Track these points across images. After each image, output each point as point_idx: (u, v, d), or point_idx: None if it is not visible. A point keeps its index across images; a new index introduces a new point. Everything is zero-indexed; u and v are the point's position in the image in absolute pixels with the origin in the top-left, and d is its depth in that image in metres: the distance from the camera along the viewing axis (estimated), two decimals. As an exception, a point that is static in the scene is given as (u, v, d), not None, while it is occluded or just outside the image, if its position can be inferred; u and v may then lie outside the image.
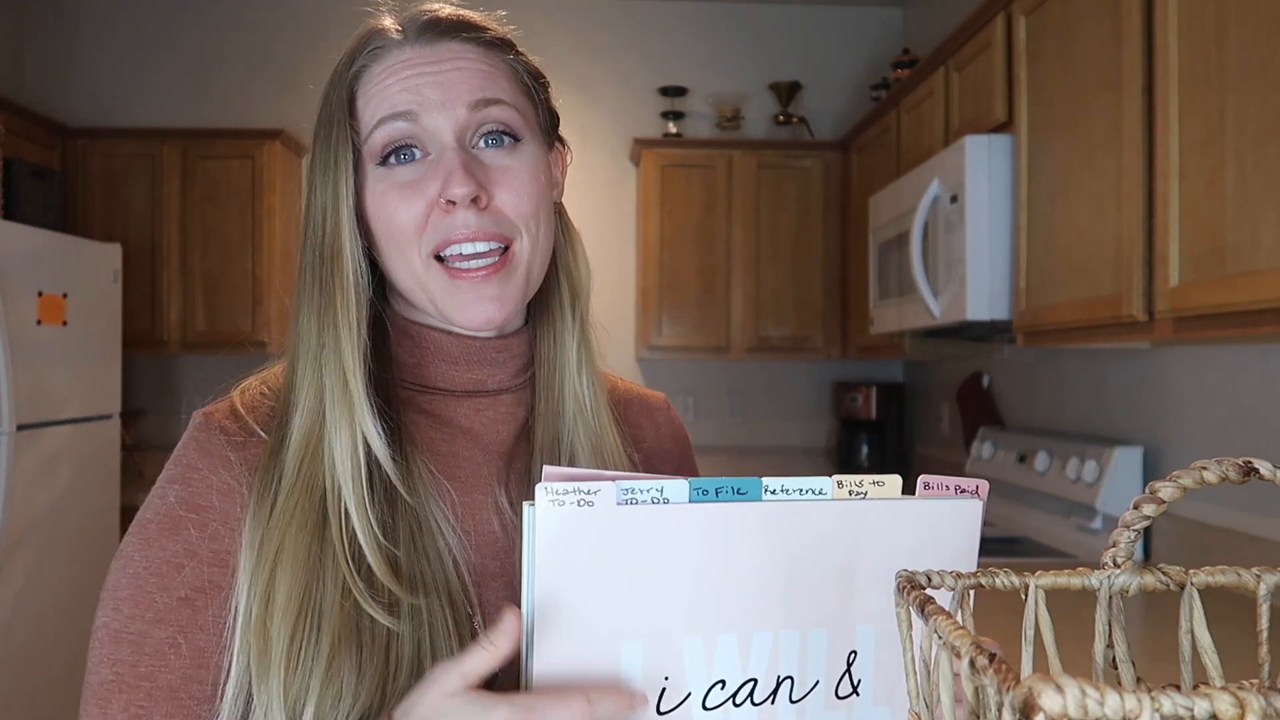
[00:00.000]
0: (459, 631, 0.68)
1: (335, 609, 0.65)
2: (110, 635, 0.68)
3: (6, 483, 2.55)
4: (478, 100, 0.72)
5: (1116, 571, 0.52)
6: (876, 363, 4.03)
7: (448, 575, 0.70)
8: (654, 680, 0.57)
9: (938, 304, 2.39)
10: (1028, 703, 0.28)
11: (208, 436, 0.72)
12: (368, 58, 0.73)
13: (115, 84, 3.93)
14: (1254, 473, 0.47)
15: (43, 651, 2.75)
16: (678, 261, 3.71)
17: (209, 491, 0.70)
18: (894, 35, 4.08)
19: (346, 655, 0.64)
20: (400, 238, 0.72)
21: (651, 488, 0.57)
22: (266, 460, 0.71)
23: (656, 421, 0.92)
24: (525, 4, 4.13)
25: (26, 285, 2.70)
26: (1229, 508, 1.93)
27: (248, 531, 0.68)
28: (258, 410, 0.74)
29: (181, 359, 3.90)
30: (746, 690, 0.59)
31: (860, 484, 0.60)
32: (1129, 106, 1.68)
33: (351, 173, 0.71)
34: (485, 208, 0.71)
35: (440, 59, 0.72)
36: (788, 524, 0.59)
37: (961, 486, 0.62)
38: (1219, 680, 0.50)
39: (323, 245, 0.72)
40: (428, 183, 0.71)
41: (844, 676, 0.60)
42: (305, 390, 0.71)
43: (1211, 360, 2.01)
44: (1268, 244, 1.35)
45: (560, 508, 0.55)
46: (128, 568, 0.69)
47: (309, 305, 0.72)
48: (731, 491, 0.58)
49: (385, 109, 0.71)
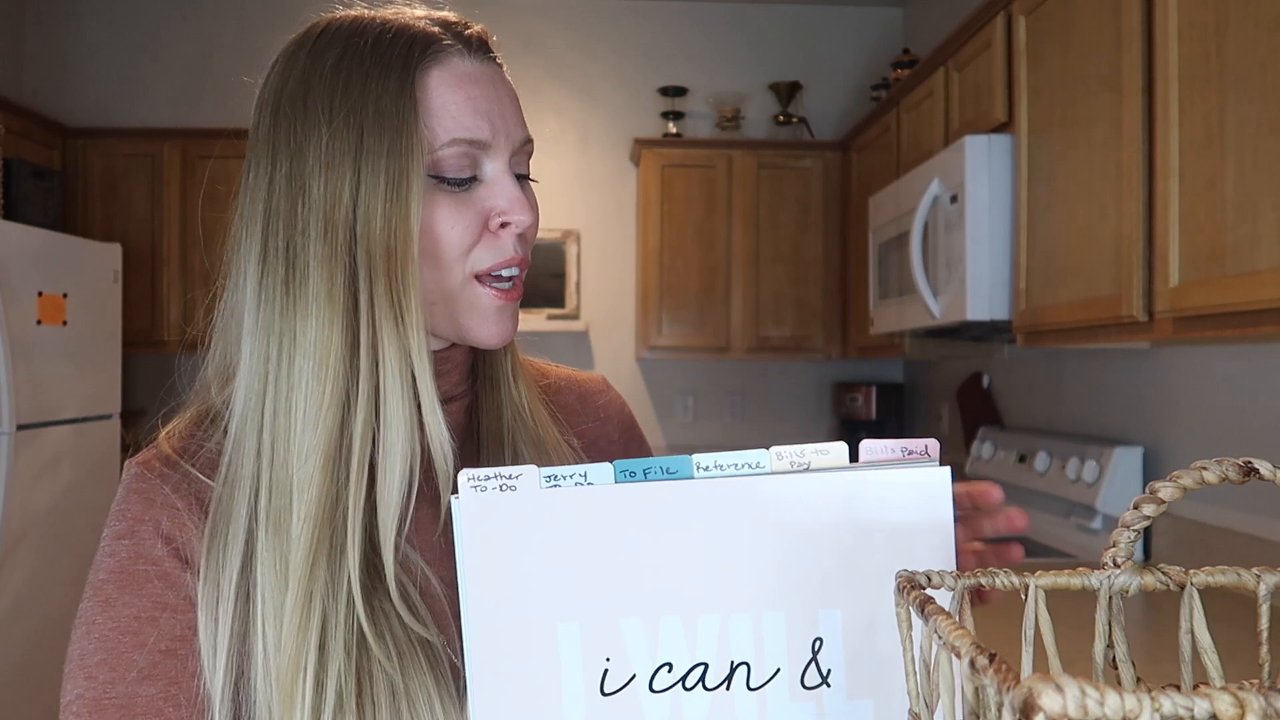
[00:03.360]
0: (432, 662, 0.66)
1: (340, 642, 0.64)
2: (89, 706, 0.63)
3: (6, 483, 2.55)
4: (525, 136, 0.74)
5: (1116, 571, 0.52)
6: (876, 363, 4.04)
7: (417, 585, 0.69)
8: (594, 661, 0.57)
9: (938, 304, 2.39)
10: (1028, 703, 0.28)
11: (146, 485, 0.69)
12: (429, 60, 0.69)
13: (115, 84, 3.93)
14: (1254, 473, 0.47)
15: (43, 651, 2.75)
16: (678, 261, 3.71)
17: (158, 540, 0.67)
18: (894, 35, 4.08)
19: (350, 692, 0.63)
20: (448, 254, 0.69)
21: (575, 472, 0.58)
22: (219, 504, 0.67)
23: (596, 405, 0.91)
24: (526, 4, 4.14)
25: (26, 285, 2.70)
26: (1229, 508, 1.93)
27: (206, 575, 0.65)
28: (193, 454, 0.70)
29: (181, 359, 3.90)
30: (697, 674, 0.58)
31: (802, 454, 0.58)
32: (1129, 106, 1.68)
33: (421, 188, 0.67)
34: (522, 234, 0.73)
35: (495, 80, 0.72)
36: (724, 502, 0.58)
37: (909, 449, 0.59)
38: (1219, 680, 0.50)
39: (364, 251, 0.66)
40: (482, 202, 0.70)
41: (810, 665, 0.58)
42: (319, 417, 0.66)
43: (1211, 360, 2.01)
44: (1267, 244, 1.35)
45: (482, 494, 0.57)
46: (91, 633, 0.65)
47: (330, 317, 0.66)
48: (661, 471, 0.58)
49: (460, 130, 0.68)
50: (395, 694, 0.64)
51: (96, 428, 3.08)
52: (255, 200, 0.70)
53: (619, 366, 4.04)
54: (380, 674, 0.64)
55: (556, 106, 4.00)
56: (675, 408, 4.06)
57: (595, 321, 4.03)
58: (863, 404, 3.79)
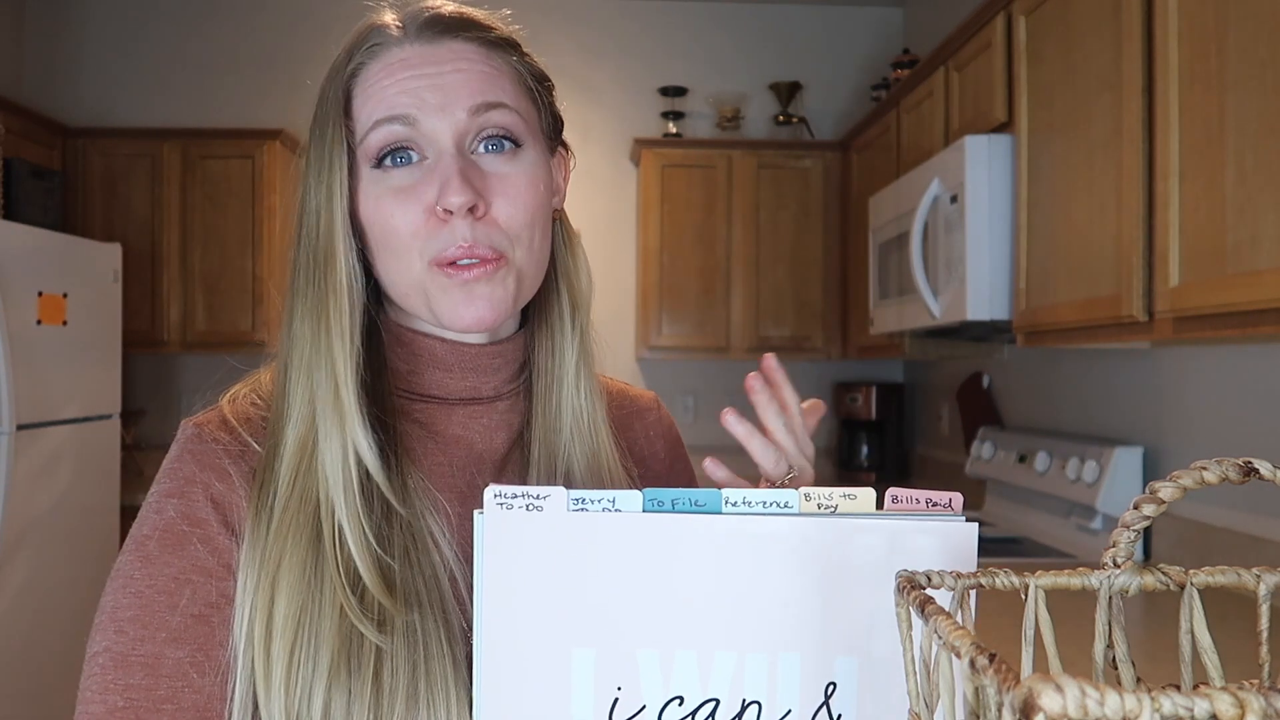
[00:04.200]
0: (452, 649, 0.66)
1: (333, 627, 0.64)
2: (115, 660, 0.63)
3: (6, 483, 2.55)
4: (478, 104, 0.69)
5: (1116, 571, 0.52)
6: (876, 363, 4.03)
7: (442, 590, 0.68)
8: (606, 689, 0.57)
9: (938, 304, 2.39)
10: (1028, 703, 0.28)
11: (202, 447, 0.69)
12: (365, 55, 0.70)
13: (115, 84, 3.93)
14: (1254, 473, 0.47)
15: (42, 651, 2.75)
16: (678, 261, 3.71)
17: (208, 504, 0.67)
18: (894, 35, 4.08)
19: (343, 674, 0.63)
20: (397, 244, 0.69)
21: (603, 497, 0.57)
22: (262, 472, 0.68)
23: (647, 423, 0.91)
24: (525, 4, 4.13)
25: (26, 285, 2.70)
26: (1229, 508, 1.93)
27: (246, 546, 0.66)
28: (249, 420, 0.72)
29: (181, 359, 3.90)
30: (707, 710, 0.57)
31: (830, 497, 0.58)
32: (1129, 107, 1.68)
33: (346, 174, 0.69)
34: (482, 217, 0.69)
35: (440, 59, 0.70)
36: (750, 539, 0.57)
37: (934, 500, 0.59)
38: (1219, 680, 0.50)
39: (316, 248, 0.70)
40: (424, 188, 0.68)
41: (821, 709, 0.57)
42: (298, 398, 0.69)
43: (1211, 360, 2.01)
44: (1268, 244, 1.35)
45: (508, 512, 0.56)
46: (128, 587, 0.65)
47: (302, 309, 0.70)
48: (689, 503, 0.57)
49: (382, 110, 0.69)
50: (372, 659, 0.64)
51: (96, 428, 3.08)
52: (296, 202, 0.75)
53: (619, 366, 4.04)
54: (367, 657, 0.64)
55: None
56: (675, 408, 4.06)
57: (595, 321, 4.01)
58: (863, 404, 3.79)
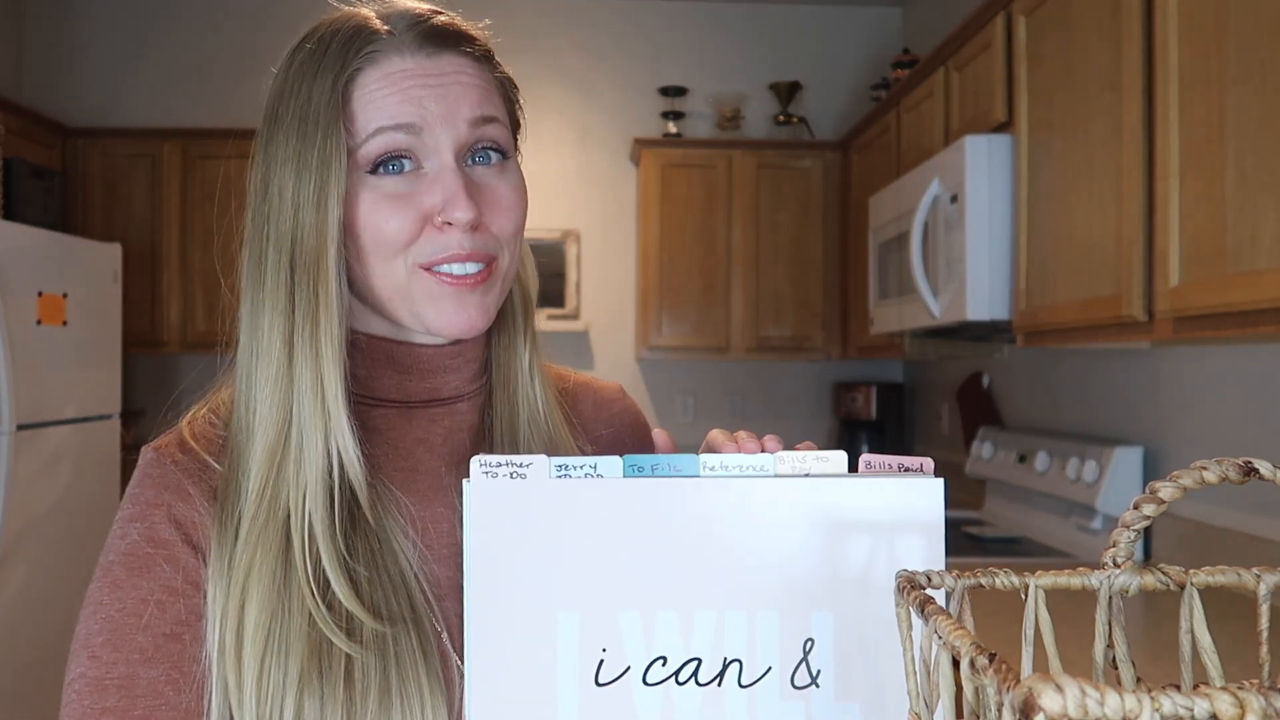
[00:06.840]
0: (425, 653, 0.67)
1: (302, 636, 0.64)
2: (91, 685, 0.64)
3: (6, 483, 2.55)
4: (477, 117, 0.71)
5: (1116, 571, 0.52)
6: (876, 363, 4.04)
7: (411, 594, 0.69)
8: (590, 651, 0.59)
9: (938, 304, 2.39)
10: (1028, 703, 0.28)
11: (161, 470, 0.70)
12: (362, 60, 0.70)
13: (115, 84, 3.93)
14: (1254, 473, 0.47)
15: (42, 651, 2.75)
16: (678, 261, 3.71)
17: (170, 525, 0.68)
18: (894, 35, 4.08)
19: (314, 683, 0.64)
20: (387, 249, 0.70)
21: (585, 463, 0.59)
22: (224, 487, 0.69)
23: (612, 412, 0.91)
24: (526, 4, 4.14)
25: (26, 285, 2.70)
26: (1229, 508, 1.93)
27: (213, 559, 0.67)
28: (208, 439, 0.73)
29: (181, 359, 3.90)
30: (690, 669, 0.59)
31: (803, 460, 0.61)
32: (1129, 106, 1.68)
33: (344, 179, 0.69)
34: (477, 229, 0.70)
35: (443, 72, 0.71)
36: (728, 501, 0.59)
37: (905, 465, 0.61)
38: (1219, 680, 0.50)
39: (296, 251, 0.69)
40: (422, 197, 0.69)
41: (800, 665, 0.59)
42: (268, 409, 0.69)
43: (1211, 360, 2.01)
44: (1268, 244, 1.35)
45: (493, 480, 0.59)
46: (98, 613, 0.66)
47: (273, 316, 0.70)
48: (668, 468, 0.60)
49: (384, 118, 0.69)
50: (343, 667, 0.65)
51: (96, 428, 3.08)
52: (247, 204, 0.74)
53: (619, 366, 4.04)
54: (338, 663, 0.65)
55: (556, 106, 4.00)
56: (675, 408, 4.06)
57: (595, 321, 4.03)
58: (863, 404, 3.79)
